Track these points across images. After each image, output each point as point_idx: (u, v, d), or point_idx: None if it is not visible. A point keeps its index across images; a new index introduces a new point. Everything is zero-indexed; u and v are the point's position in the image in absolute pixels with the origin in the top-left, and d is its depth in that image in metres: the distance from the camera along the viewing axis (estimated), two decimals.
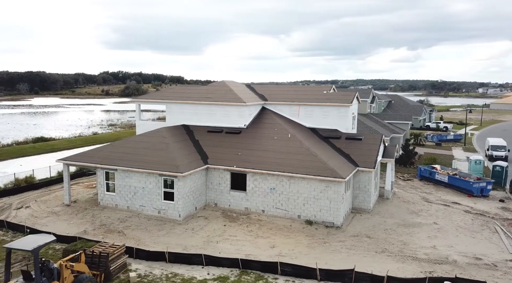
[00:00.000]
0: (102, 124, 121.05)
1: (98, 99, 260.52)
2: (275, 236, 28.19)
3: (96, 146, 76.28)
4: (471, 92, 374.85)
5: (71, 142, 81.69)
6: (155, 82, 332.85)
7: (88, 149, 73.21)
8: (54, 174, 47.20)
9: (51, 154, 67.35)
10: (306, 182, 30.22)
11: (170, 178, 30.79)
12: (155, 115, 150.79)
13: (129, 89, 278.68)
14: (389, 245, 27.00)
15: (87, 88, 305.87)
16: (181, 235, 28.43)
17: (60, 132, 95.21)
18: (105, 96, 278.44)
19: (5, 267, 18.31)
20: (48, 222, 30.75)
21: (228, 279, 22.28)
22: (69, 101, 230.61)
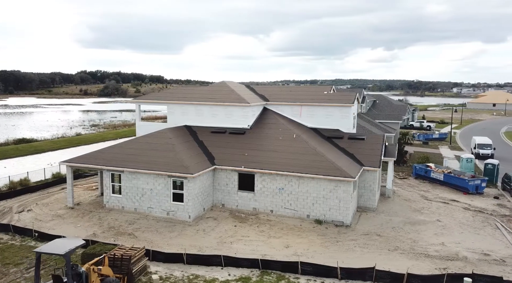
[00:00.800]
0: (84, 124, 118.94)
1: (77, 99, 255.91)
2: (287, 236, 28.43)
3: (82, 147, 75.47)
4: (446, 92, 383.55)
5: (55, 143, 79.97)
6: (135, 81, 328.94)
7: (75, 150, 73.14)
8: (49, 176, 46.30)
9: (36, 156, 66.10)
10: (315, 182, 30.57)
11: (179, 179, 30.67)
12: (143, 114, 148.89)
13: (108, 89, 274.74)
14: (400, 243, 27.58)
15: (64, 88, 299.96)
16: (193, 236, 28.37)
17: (42, 133, 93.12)
18: (83, 96, 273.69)
19: (35, 271, 18.00)
20: (54, 225, 30.21)
21: (250, 279, 22.40)
22: (46, 101, 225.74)
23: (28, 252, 25.46)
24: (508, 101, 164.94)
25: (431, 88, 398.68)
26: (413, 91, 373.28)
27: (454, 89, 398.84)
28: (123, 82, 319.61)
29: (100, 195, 37.24)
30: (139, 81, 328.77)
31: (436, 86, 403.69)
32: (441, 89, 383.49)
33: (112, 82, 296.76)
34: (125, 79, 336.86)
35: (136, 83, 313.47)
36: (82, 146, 78.10)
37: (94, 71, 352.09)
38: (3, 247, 26.15)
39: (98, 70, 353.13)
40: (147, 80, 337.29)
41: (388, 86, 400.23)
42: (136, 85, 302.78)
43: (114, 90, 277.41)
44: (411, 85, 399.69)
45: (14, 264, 23.76)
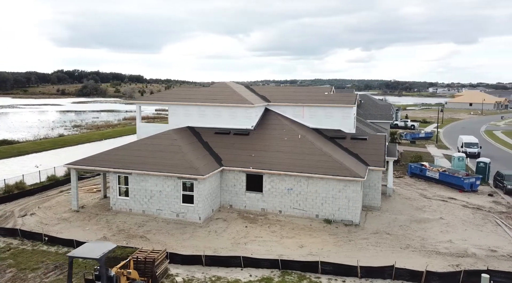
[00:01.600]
0: (65, 125, 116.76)
1: (54, 99, 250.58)
2: (299, 236, 28.74)
3: (67, 148, 74.20)
4: (422, 92, 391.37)
5: (39, 144, 78.29)
6: (114, 81, 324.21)
7: (61, 151, 71.80)
8: (44, 178, 45.43)
9: (20, 158, 64.61)
10: (324, 182, 30.98)
11: (189, 180, 30.62)
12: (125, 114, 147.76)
13: (87, 89, 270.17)
14: (410, 241, 28.22)
15: (40, 88, 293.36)
16: (205, 238, 28.39)
17: (23, 135, 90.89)
18: (61, 96, 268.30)
19: (68, 275, 17.82)
20: (61, 229, 29.75)
21: (272, 280, 22.60)
22: (22, 101, 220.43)
23: (42, 256, 25.06)
24: (485, 101, 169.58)
25: (408, 88, 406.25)
26: (391, 91, 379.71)
27: (430, 89, 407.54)
28: (102, 82, 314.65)
29: (103, 198, 36.80)
30: (119, 81, 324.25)
31: (412, 86, 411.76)
32: (418, 89, 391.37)
33: (91, 82, 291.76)
34: (104, 79, 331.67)
35: (116, 83, 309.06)
36: (67, 147, 76.76)
37: (71, 70, 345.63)
38: (15, 252, 25.65)
39: (76, 70, 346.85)
40: (127, 80, 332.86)
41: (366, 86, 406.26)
42: (116, 85, 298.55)
43: (93, 90, 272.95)
44: (388, 85, 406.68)
45: (31, 269, 23.34)
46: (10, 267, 23.48)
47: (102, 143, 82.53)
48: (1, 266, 23.61)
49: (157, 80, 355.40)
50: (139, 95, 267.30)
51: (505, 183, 41.90)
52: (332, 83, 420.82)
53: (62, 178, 45.97)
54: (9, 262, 24.12)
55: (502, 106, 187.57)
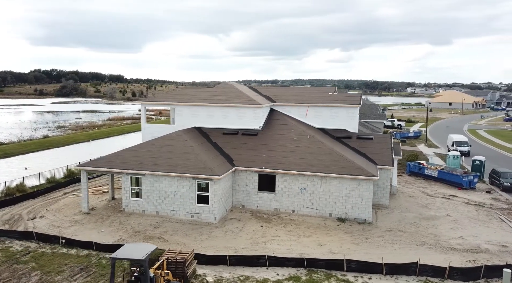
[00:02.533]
0: (48, 126, 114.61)
1: (32, 99, 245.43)
2: (316, 235, 29.13)
3: (55, 149, 72.97)
4: (401, 91, 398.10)
5: (24, 146, 76.75)
6: (94, 81, 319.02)
7: (48, 152, 70.43)
8: (43, 180, 44.68)
9: (6, 159, 63.43)
10: (337, 181, 31.45)
11: (204, 181, 30.66)
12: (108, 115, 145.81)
13: (66, 89, 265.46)
14: (424, 238, 28.93)
15: (17, 88, 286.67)
16: (223, 238, 28.51)
17: (4, 136, 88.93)
18: (39, 96, 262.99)
19: (110, 277, 17.75)
20: (75, 231, 29.39)
21: (300, 278, 22.89)
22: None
23: (64, 259, 24.77)
24: (465, 101, 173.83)
25: (387, 88, 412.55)
26: (370, 91, 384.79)
27: (408, 89, 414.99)
28: (81, 82, 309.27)
29: (111, 199, 36.46)
30: (99, 81, 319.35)
31: (391, 86, 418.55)
32: (397, 89, 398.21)
33: (70, 82, 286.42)
34: (83, 79, 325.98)
35: (96, 83, 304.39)
36: (54, 148, 75.58)
37: (49, 70, 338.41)
38: (35, 255, 25.26)
39: (54, 69, 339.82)
40: (107, 80, 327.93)
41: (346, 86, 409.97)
42: (96, 85, 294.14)
43: (73, 90, 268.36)
44: (368, 85, 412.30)
45: (56, 272, 23.06)
46: (35, 270, 23.14)
47: (90, 144, 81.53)
48: (25, 269, 23.24)
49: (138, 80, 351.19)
50: (120, 96, 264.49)
51: (502, 180, 43.23)
52: (312, 83, 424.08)
53: (62, 179, 45.33)
54: (32, 265, 23.76)
55: (480, 106, 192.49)
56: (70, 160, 59.30)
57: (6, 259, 24.55)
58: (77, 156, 65.39)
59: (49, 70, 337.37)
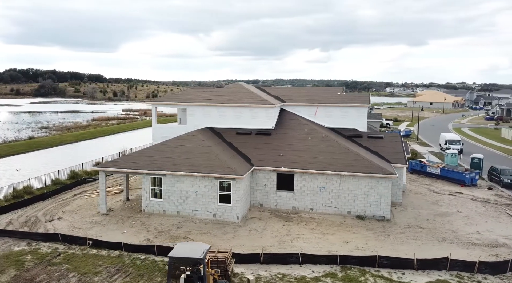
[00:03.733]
0: (31, 127, 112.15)
1: (9, 99, 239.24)
2: (340, 232, 29.65)
3: (43, 150, 71.82)
4: (380, 91, 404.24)
5: (11, 147, 75.13)
6: (73, 80, 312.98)
7: (37, 153, 69.19)
8: (48, 182, 43.95)
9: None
10: (356, 180, 32.06)
11: (227, 180, 30.82)
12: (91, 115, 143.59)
13: (44, 89, 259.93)
14: (443, 234, 29.78)
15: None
16: (249, 237, 28.74)
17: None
18: (16, 96, 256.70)
19: (167, 276, 17.88)
20: (97, 232, 29.13)
21: (336, 275, 23.33)
22: None
23: (96, 260, 24.60)
24: (446, 100, 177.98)
25: (366, 88, 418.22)
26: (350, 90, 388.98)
27: (387, 88, 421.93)
28: (59, 81, 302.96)
29: (126, 200, 36.21)
30: (78, 80, 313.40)
31: (370, 86, 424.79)
32: (376, 89, 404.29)
33: (49, 81, 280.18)
34: (62, 78, 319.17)
35: (75, 83, 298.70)
36: (42, 149, 74.30)
37: (25, 69, 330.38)
38: (66, 256, 24.99)
39: (30, 68, 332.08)
40: (86, 79, 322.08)
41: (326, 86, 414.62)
42: (75, 85, 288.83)
43: (51, 90, 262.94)
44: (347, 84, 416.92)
45: (92, 273, 22.91)
46: (71, 272, 22.93)
47: (78, 145, 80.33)
48: (60, 271, 23.00)
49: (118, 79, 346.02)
50: (101, 95, 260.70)
51: (502, 177, 44.70)
52: (293, 83, 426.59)
53: (68, 181, 44.66)
54: (67, 267, 23.53)
55: (459, 105, 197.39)
56: (62, 161, 58.96)
57: (38, 261, 24.24)
58: (68, 157, 64.92)
59: (25, 70, 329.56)
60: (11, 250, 25.82)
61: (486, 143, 79.09)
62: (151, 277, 22.64)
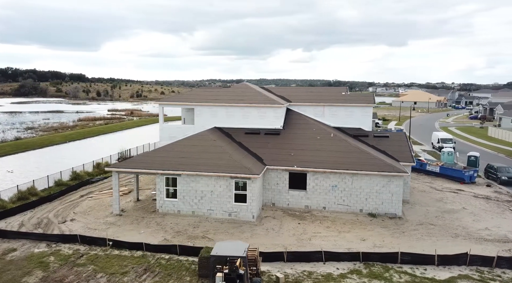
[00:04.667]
0: (16, 127, 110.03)
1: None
2: (355, 230, 30.14)
3: (32, 152, 70.85)
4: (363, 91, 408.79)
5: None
6: (54, 80, 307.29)
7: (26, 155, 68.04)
8: (51, 183, 43.37)
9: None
10: (369, 178, 32.63)
11: (242, 180, 31.01)
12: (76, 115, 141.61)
13: (25, 88, 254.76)
14: (455, 230, 30.55)
15: None
16: (267, 236, 28.99)
17: None
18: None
19: (210, 274, 18.07)
20: (114, 233, 28.99)
21: (361, 272, 23.78)
22: None
23: (121, 260, 24.54)
24: (430, 100, 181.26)
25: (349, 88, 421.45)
26: None
27: (370, 88, 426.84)
28: (40, 81, 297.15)
29: (136, 200, 36.04)
30: (59, 80, 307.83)
31: (353, 86, 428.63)
32: (359, 88, 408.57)
33: (29, 81, 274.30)
34: (42, 78, 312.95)
35: (56, 82, 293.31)
36: (31, 151, 73.27)
37: (3, 68, 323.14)
38: (89, 257, 24.85)
39: (9, 67, 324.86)
40: (68, 79, 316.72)
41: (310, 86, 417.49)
42: (56, 84, 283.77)
43: (32, 90, 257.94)
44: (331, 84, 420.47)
45: (120, 273, 22.88)
46: (98, 272, 22.85)
47: (68, 146, 79.25)
48: (87, 272, 22.87)
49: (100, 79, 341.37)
50: (84, 95, 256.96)
51: (499, 174, 45.97)
52: (276, 83, 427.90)
53: (71, 182, 44.10)
54: (93, 268, 23.42)
55: (442, 105, 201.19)
56: (54, 163, 58.33)
57: (63, 262, 24.05)
58: (57, 157, 64.06)
59: (4, 69, 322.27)
60: (32, 252, 25.54)
61: (475, 141, 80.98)
62: (179, 276, 22.72)
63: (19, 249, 25.98)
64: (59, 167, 53.38)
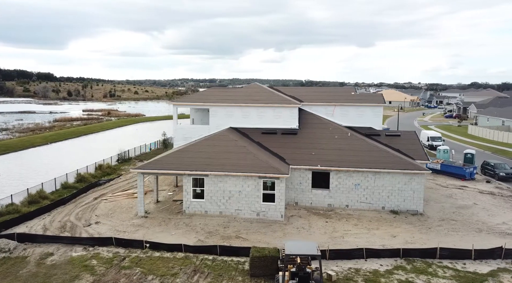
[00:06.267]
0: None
1: None
2: (383, 227, 30.79)
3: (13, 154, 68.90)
4: None
5: None
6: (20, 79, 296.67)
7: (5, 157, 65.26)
8: (58, 186, 42.21)
9: None
10: (391, 176, 33.38)
11: (271, 179, 31.12)
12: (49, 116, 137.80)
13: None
14: (476, 225, 31.65)
15: None
16: (299, 234, 29.23)
17: None
18: None
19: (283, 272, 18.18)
20: (146, 235, 28.51)
21: (406, 268, 24.36)
22: None
23: (165, 262, 24.30)
24: (406, 99, 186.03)
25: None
26: None
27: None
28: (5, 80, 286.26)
29: (156, 202, 35.55)
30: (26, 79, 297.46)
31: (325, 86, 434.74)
32: None
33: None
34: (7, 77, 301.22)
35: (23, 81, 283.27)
36: (12, 153, 71.09)
37: None
38: (132, 260, 24.45)
39: None
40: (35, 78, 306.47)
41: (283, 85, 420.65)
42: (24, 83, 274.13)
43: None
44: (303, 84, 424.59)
45: (170, 275, 22.64)
46: (147, 275, 22.51)
47: (50, 147, 77.06)
48: (136, 275, 22.49)
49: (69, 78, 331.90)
50: (54, 95, 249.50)
51: (496, 171, 47.89)
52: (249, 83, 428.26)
53: (77, 185, 43.00)
54: (140, 270, 23.05)
55: (415, 104, 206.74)
56: (41, 165, 56.73)
57: (108, 265, 23.57)
58: (44, 159, 62.56)
59: None
60: (71, 256, 24.89)
61: (458, 139, 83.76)
62: (231, 277, 22.67)
63: (56, 253, 25.24)
64: (49, 170, 52.38)
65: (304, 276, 18.22)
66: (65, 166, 54.38)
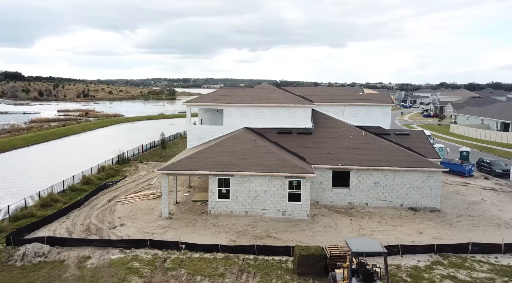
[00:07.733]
0: None
1: None
2: (406, 224, 31.47)
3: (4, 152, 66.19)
4: None
5: None
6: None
7: None
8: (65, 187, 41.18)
9: None
10: (409, 174, 34.16)
11: (297, 179, 31.32)
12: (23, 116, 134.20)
13: None
14: (492, 220, 32.76)
15: None
16: (328, 233, 29.57)
17: None
18: None
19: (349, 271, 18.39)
20: (175, 236, 28.21)
21: (443, 263, 25.00)
22: None
23: (208, 263, 24.19)
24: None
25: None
26: None
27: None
28: None
29: (175, 203, 35.15)
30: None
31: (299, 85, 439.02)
32: None
33: None
34: None
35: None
36: (6, 152, 69.37)
37: None
38: (173, 261, 24.17)
39: None
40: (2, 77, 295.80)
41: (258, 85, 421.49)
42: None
43: None
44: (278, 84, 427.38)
45: (217, 275, 22.53)
46: (194, 276, 22.36)
47: (32, 149, 74.96)
48: (183, 276, 22.27)
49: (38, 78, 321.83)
50: (24, 95, 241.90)
51: (493, 167, 49.69)
52: (224, 83, 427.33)
53: (84, 187, 42.00)
54: (185, 271, 22.84)
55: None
56: (29, 167, 55.34)
57: (151, 268, 23.24)
58: (29, 160, 61.19)
59: None
60: (110, 259, 24.38)
61: (443, 138, 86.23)
62: (278, 275, 22.76)
63: (93, 256, 24.66)
64: (41, 172, 51.08)
65: (369, 272, 18.51)
66: (55, 168, 53.25)
